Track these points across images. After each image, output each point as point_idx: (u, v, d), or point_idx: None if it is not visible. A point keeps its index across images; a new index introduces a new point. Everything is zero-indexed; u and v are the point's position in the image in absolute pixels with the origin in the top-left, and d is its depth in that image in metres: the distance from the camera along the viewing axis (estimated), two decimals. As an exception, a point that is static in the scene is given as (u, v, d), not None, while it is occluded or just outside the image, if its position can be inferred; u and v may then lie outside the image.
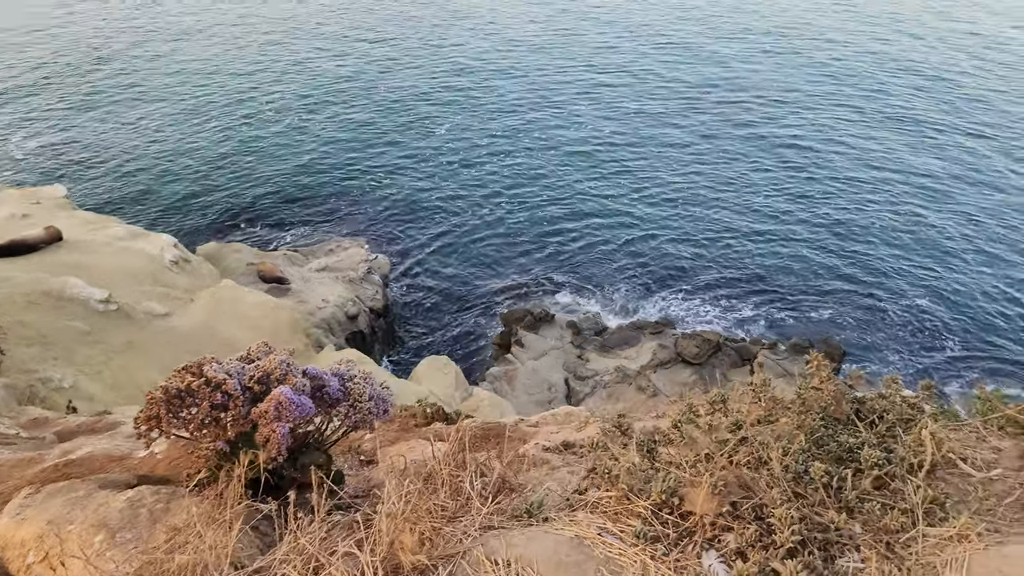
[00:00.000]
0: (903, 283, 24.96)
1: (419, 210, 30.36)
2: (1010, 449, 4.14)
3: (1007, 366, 21.29)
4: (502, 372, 21.49)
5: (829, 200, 29.88)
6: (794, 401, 4.70)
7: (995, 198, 29.14)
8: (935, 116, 36.61)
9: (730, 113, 37.92)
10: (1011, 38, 48.70)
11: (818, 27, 52.16)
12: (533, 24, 54.02)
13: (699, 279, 26.09)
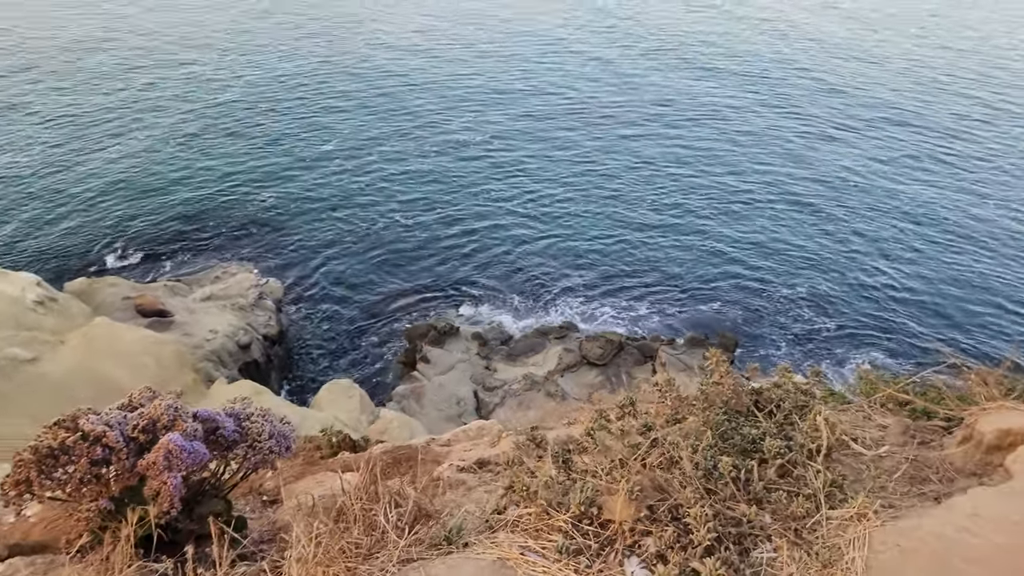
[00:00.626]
0: (785, 271, 26.70)
1: (310, 228, 29.47)
2: (894, 425, 4.48)
3: (883, 340, 23.18)
4: (409, 390, 21.16)
5: (712, 198, 31.54)
6: (698, 398, 4.89)
7: (863, 188, 31.76)
8: (815, 114, 39.54)
9: (619, 116, 39.37)
10: (880, 41, 53.39)
11: (695, 35, 55.20)
12: (422, 32, 53.98)
13: (597, 281, 26.81)
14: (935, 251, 27.14)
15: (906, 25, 58.47)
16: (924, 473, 3.81)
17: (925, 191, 31.16)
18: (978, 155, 34.41)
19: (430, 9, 60.94)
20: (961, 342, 22.56)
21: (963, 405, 4.17)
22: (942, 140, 36.11)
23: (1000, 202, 30.08)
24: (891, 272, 26.04)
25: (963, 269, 26.08)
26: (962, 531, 2.92)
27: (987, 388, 4.06)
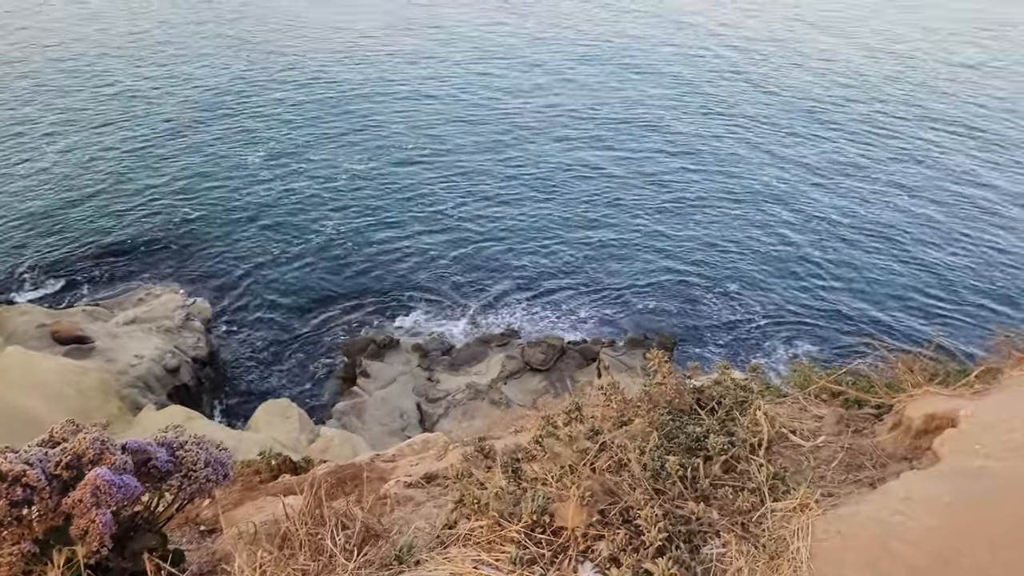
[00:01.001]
0: (717, 268, 27.51)
1: (238, 243, 28.60)
2: (828, 416, 4.67)
3: (814, 331, 24.12)
4: (350, 406, 20.78)
5: (644, 198, 32.25)
6: (642, 399, 4.98)
7: (789, 186, 33.05)
8: (743, 114, 40.90)
9: (552, 120, 39.80)
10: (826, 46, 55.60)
11: (624, 37, 56.38)
12: (350, 38, 53.28)
13: (537, 285, 26.99)
14: (858, 244, 28.47)
15: (834, 26, 61.27)
16: (859, 460, 3.98)
17: (847, 187, 32.66)
18: (895, 152, 36.33)
19: (358, 15, 60.31)
20: (887, 331, 23.71)
21: (891, 393, 4.38)
22: (863, 137, 37.98)
23: (915, 195, 31.82)
24: (818, 265, 27.17)
25: (884, 260, 27.45)
26: (897, 515, 3.06)
27: (913, 375, 4.27)
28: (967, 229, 28.77)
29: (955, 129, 38.57)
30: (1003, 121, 39.51)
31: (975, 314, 23.82)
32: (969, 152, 35.54)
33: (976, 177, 32.99)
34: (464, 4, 65.34)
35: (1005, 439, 3.34)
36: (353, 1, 64.81)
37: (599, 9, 65.16)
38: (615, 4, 67.46)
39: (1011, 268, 26.23)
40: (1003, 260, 26.63)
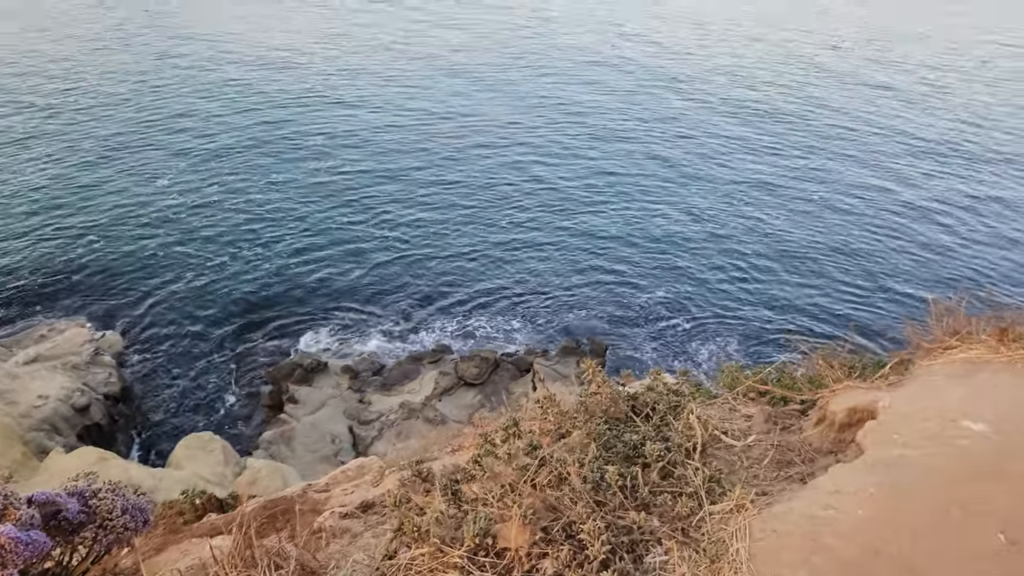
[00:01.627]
0: (643, 272, 28.17)
1: (147, 270, 27.32)
2: (757, 415, 4.84)
3: (740, 330, 24.98)
4: (277, 434, 20.12)
5: (567, 205, 32.73)
6: (579, 410, 5.03)
7: (710, 189, 34.24)
8: (662, 118, 42.09)
9: (472, 128, 39.92)
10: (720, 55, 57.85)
11: (541, 39, 57.25)
12: (253, 53, 51.93)
13: (466, 298, 26.93)
14: (780, 242, 29.72)
15: (746, 28, 63.97)
16: (789, 457, 4.14)
17: (765, 190, 34.10)
18: (806, 148, 38.24)
19: (267, 27, 58.98)
20: (811, 325, 24.83)
21: (814, 389, 4.58)
22: (778, 135, 39.81)
23: (829, 194, 33.54)
24: (742, 265, 28.20)
25: (804, 257, 28.75)
26: (828, 508, 3.19)
27: (833, 370, 4.48)
28: (880, 224, 30.49)
29: (866, 128, 40.92)
30: (907, 121, 42.19)
31: (890, 306, 25.25)
32: (873, 150, 37.75)
33: (883, 175, 35.05)
34: (372, 11, 65.00)
35: (920, 428, 3.54)
36: (264, 13, 63.44)
37: (522, 19, 66.07)
38: (538, 13, 68.55)
39: (921, 260, 27.95)
40: (914, 253, 28.35)
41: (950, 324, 4.45)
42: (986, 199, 32.01)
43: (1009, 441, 3.36)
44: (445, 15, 66.10)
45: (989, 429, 3.43)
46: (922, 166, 35.47)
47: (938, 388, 3.86)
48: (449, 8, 68.14)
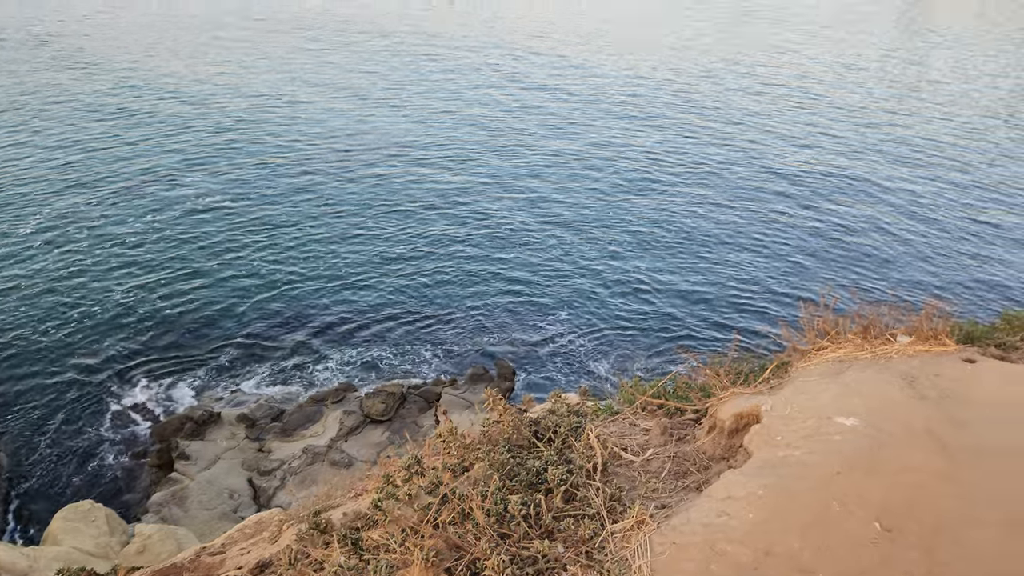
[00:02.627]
0: (546, 291, 28.65)
1: (6, 322, 25.15)
2: (654, 428, 5.01)
3: (638, 341, 25.78)
4: (168, 495, 18.88)
5: (465, 229, 32.87)
6: (481, 440, 5.04)
7: (609, 206, 35.35)
8: (560, 134, 43.10)
9: (360, 150, 39.42)
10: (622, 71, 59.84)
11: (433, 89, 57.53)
12: (120, 83, 49.27)
13: (365, 331, 26.37)
14: (671, 255, 31.00)
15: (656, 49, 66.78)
16: (685, 467, 4.30)
17: (655, 204, 35.55)
18: (696, 167, 40.24)
19: (153, 48, 56.19)
20: (705, 335, 25.95)
21: (704, 398, 4.80)
22: (667, 144, 41.66)
23: (716, 206, 35.37)
24: (639, 279, 29.18)
25: (695, 268, 30.11)
26: (722, 515, 3.34)
27: (720, 379, 4.71)
28: (763, 232, 32.41)
29: (753, 134, 43.52)
30: (788, 124, 45.23)
31: (777, 310, 26.79)
32: (759, 159, 40.23)
33: (766, 183, 37.35)
34: (256, 28, 63.42)
35: (799, 428, 3.77)
36: (153, 28, 60.48)
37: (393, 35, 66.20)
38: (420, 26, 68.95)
39: (801, 265, 29.86)
40: (794, 259, 30.27)
41: (820, 326, 4.78)
42: (854, 197, 34.71)
43: (877, 433, 3.64)
44: (312, 35, 65.35)
45: (859, 423, 3.70)
46: (797, 171, 38.11)
47: (813, 388, 4.13)
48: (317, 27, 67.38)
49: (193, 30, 63.83)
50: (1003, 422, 3.67)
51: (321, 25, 67.54)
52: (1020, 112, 46.33)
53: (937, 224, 31.49)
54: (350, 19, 70.92)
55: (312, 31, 66.02)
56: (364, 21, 69.30)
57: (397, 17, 72.05)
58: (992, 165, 37.50)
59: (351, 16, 71.82)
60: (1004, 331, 5.31)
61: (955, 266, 28.46)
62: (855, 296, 21.35)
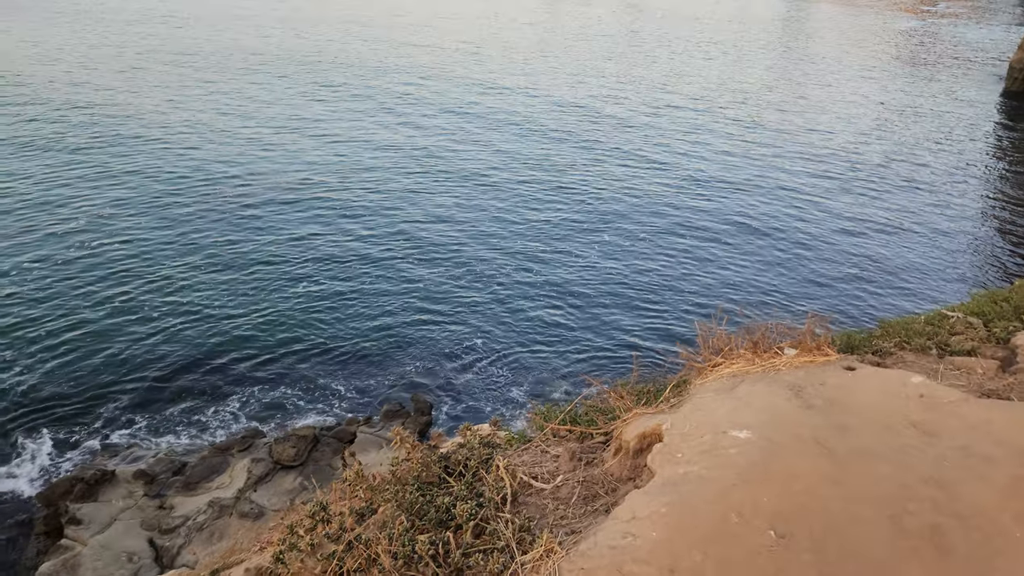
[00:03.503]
0: (457, 317, 28.51)
1: None
2: (563, 453, 5.08)
3: (549, 365, 26.04)
4: (59, 565, 17.46)
5: (365, 249, 32.34)
6: (389, 481, 4.96)
7: (509, 229, 35.72)
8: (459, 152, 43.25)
9: (246, 185, 38.29)
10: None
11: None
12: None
13: (269, 369, 25.44)
14: (584, 280, 31.61)
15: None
16: (594, 490, 4.38)
17: (570, 228, 36.25)
18: (605, 184, 41.36)
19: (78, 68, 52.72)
20: (611, 358, 26.51)
21: (610, 421, 4.91)
22: (569, 171, 42.64)
23: (622, 229, 36.42)
24: (552, 305, 29.52)
25: (603, 295, 30.80)
26: (627, 536, 3.42)
27: (623, 400, 4.84)
28: (671, 248, 33.59)
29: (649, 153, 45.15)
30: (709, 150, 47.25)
31: (681, 327, 27.69)
32: (655, 172, 41.79)
33: (660, 199, 38.82)
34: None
35: (697, 444, 3.92)
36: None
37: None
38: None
39: (704, 282, 31.07)
40: (698, 276, 31.48)
41: (715, 344, 5.01)
42: (748, 216, 36.61)
43: (769, 443, 3.83)
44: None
45: (753, 435, 3.88)
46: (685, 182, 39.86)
47: (710, 404, 4.31)
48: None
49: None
50: (880, 425, 3.94)
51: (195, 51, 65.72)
52: (894, 123, 50.27)
53: (819, 237, 33.52)
54: (226, 46, 69.42)
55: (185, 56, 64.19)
56: (235, 48, 67.98)
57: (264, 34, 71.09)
58: (866, 177, 40.44)
59: (229, 44, 70.37)
60: (881, 338, 5.71)
61: (838, 277, 30.35)
62: (742, 313, 22.42)
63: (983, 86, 62.25)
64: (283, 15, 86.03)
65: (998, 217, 36.75)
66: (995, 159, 45.47)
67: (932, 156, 44.83)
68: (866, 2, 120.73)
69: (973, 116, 54.03)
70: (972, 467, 3.50)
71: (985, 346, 5.13)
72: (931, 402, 4.06)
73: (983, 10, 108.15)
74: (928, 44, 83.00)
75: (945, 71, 69.62)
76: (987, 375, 4.53)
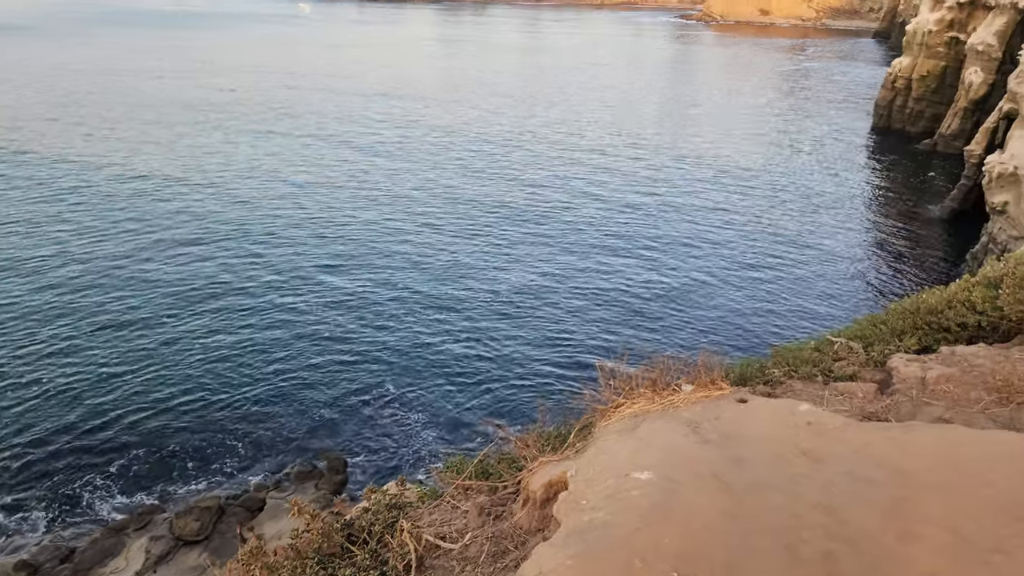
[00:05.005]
0: (367, 367, 27.64)
1: None
2: (472, 509, 4.99)
3: (460, 417, 25.54)
4: None
5: (271, 304, 31.12)
6: (288, 555, 4.72)
7: (409, 279, 35.38)
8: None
9: (122, 240, 36.46)
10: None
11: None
12: None
13: (154, 439, 23.84)
14: (491, 321, 31.52)
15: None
16: (503, 546, 4.31)
17: (476, 270, 36.25)
18: (515, 225, 41.75)
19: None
20: (520, 399, 26.26)
21: (516, 472, 4.88)
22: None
23: (532, 272, 36.78)
24: (461, 348, 29.18)
25: (511, 337, 30.75)
26: (534, 593, 3.36)
27: (529, 449, 4.83)
28: (575, 288, 34.12)
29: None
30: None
31: (589, 361, 27.92)
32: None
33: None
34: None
35: (601, 489, 3.94)
36: None
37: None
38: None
39: (605, 320, 31.59)
40: (601, 316, 32.05)
41: (617, 384, 5.09)
42: (635, 252, 37.85)
43: (669, 483, 3.89)
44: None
45: (653, 475, 3.94)
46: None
47: (612, 446, 4.35)
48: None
49: None
50: (772, 455, 4.08)
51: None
52: (777, 158, 53.55)
53: (716, 269, 35.03)
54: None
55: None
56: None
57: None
58: (755, 208, 42.77)
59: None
60: (772, 367, 5.96)
61: (734, 307, 31.64)
62: (642, 351, 22.85)
63: (854, 122, 67.56)
64: (172, 66, 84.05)
65: (878, 242, 39.58)
66: (870, 187, 49.16)
67: (815, 187, 48.04)
68: (747, 46, 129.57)
69: (846, 150, 58.46)
70: (857, 491, 3.67)
71: (865, 370, 5.44)
72: (818, 429, 4.25)
73: (847, 53, 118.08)
74: (804, 84, 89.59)
75: (821, 108, 75.20)
76: (867, 398, 4.79)
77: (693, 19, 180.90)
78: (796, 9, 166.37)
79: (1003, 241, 31.12)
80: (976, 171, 37.32)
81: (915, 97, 59.09)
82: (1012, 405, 4.40)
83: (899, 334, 7.04)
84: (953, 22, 55.88)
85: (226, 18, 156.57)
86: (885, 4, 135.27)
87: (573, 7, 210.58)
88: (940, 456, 3.90)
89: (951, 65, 55.42)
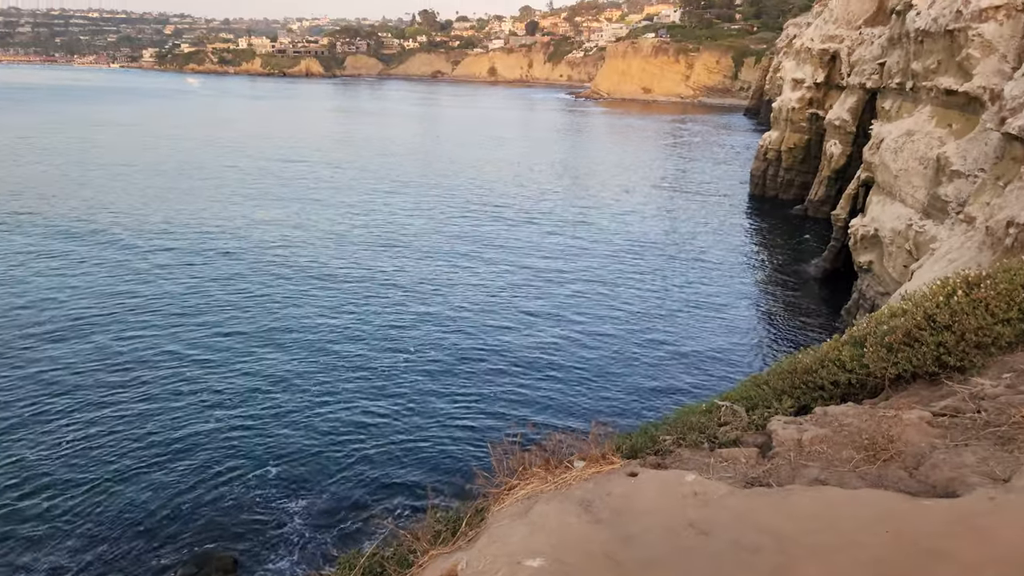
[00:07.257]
0: (247, 447, 25.94)
1: None
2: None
3: (360, 496, 24.13)
4: None
5: (143, 381, 29.29)
6: None
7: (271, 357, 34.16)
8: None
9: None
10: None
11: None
12: None
13: (26, 533, 21.57)
14: (373, 401, 30.16)
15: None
16: (394, 649, 4.08)
17: (370, 346, 35.42)
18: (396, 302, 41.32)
19: None
20: (412, 484, 24.72)
21: (403, 569, 4.69)
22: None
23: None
24: (347, 431, 27.54)
25: (396, 417, 29.58)
26: None
27: (419, 542, 4.66)
28: (465, 367, 33.80)
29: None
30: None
31: (478, 454, 26.46)
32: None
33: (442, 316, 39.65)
34: None
35: (493, 580, 3.83)
36: None
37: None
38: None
39: (492, 397, 30.99)
40: (494, 390, 31.57)
41: (509, 465, 5.03)
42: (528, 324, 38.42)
43: (561, 567, 3.83)
44: None
45: (545, 561, 3.87)
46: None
47: (504, 532, 4.27)
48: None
49: None
50: (662, 529, 4.12)
51: None
52: (664, 224, 56.32)
53: (613, 339, 35.78)
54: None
55: None
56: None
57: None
58: (648, 273, 44.56)
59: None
60: (663, 435, 6.09)
61: (629, 375, 32.13)
62: (532, 428, 22.29)
63: (733, 188, 72.46)
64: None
65: (761, 300, 41.95)
66: (753, 250, 52.39)
67: (702, 252, 50.67)
68: (633, 119, 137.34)
69: (729, 213, 62.43)
70: (742, 560, 3.74)
71: (747, 434, 5.65)
72: (704, 499, 4.33)
73: (723, 126, 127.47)
74: (687, 153, 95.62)
75: (705, 175, 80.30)
76: (749, 464, 4.96)
77: (583, 96, 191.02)
78: (675, 88, 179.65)
79: (871, 297, 33.68)
80: (843, 233, 40.56)
81: (785, 167, 64.20)
82: (879, 463, 4.67)
83: (779, 395, 7.40)
84: (812, 100, 61.70)
85: (120, 92, 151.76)
86: (753, 84, 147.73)
87: (469, 83, 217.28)
88: (817, 518, 4.05)
89: (814, 138, 60.81)
